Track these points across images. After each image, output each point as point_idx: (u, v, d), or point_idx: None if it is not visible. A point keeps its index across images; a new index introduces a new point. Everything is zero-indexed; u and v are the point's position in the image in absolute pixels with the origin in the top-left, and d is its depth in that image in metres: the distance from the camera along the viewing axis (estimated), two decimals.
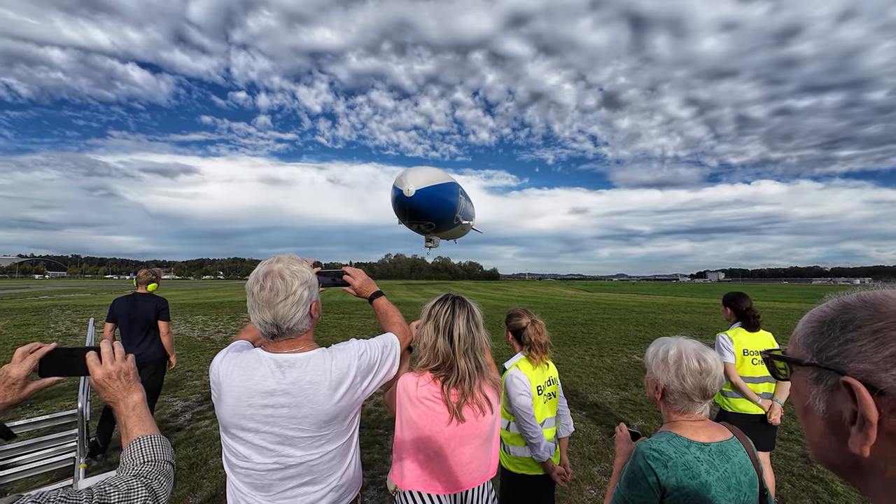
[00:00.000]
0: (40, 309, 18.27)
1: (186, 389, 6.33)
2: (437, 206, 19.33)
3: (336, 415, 1.27)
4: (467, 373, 1.43)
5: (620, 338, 11.84)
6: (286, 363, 1.25)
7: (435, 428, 1.39)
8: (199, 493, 3.39)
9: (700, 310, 21.92)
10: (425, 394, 1.41)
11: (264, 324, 1.24)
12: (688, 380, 1.20)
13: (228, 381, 1.23)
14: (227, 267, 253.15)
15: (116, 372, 1.01)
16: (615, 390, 6.57)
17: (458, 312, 1.48)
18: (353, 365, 1.31)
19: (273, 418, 1.21)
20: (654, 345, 1.33)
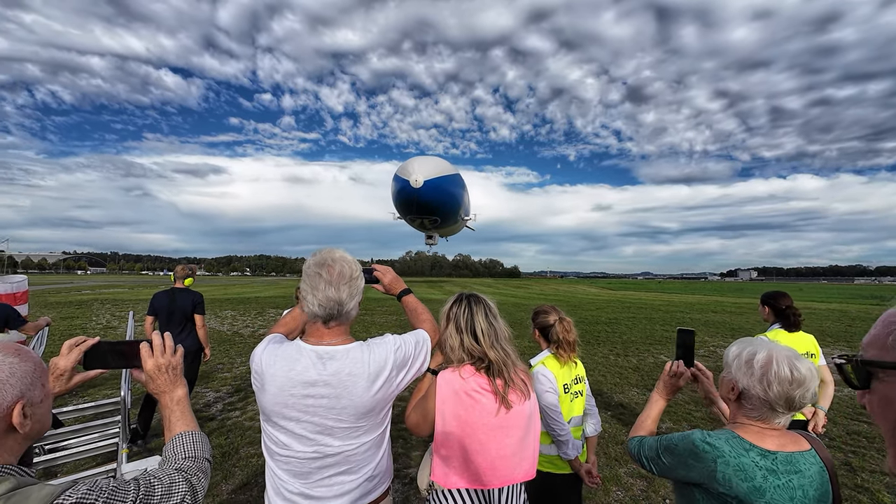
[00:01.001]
0: (83, 303, 19.34)
1: (218, 381, 6.58)
2: (444, 200, 17.60)
3: (373, 407, 1.31)
4: (501, 361, 1.46)
5: (646, 337, 11.54)
6: (326, 355, 1.28)
7: (482, 419, 1.40)
8: (231, 481, 3.52)
9: (731, 309, 21.09)
10: (473, 385, 1.42)
11: (327, 304, 1.27)
12: (774, 388, 1.12)
13: (271, 371, 1.27)
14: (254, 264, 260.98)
15: (166, 365, 1.06)
16: (641, 391, 6.42)
17: (475, 309, 1.51)
18: (390, 359, 1.34)
19: (314, 408, 1.25)
20: (737, 344, 1.26)
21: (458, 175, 18.71)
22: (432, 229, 24.34)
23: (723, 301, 28.26)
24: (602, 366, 7.99)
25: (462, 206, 21.88)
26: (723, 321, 15.61)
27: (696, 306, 23.18)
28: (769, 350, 1.17)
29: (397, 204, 18.48)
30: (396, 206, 18.97)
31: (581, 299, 29.19)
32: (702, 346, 10.25)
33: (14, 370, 0.82)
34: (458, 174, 18.74)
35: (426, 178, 15.20)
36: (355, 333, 1.40)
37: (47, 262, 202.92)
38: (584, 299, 29.25)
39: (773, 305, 3.00)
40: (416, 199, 16.19)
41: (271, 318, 14.67)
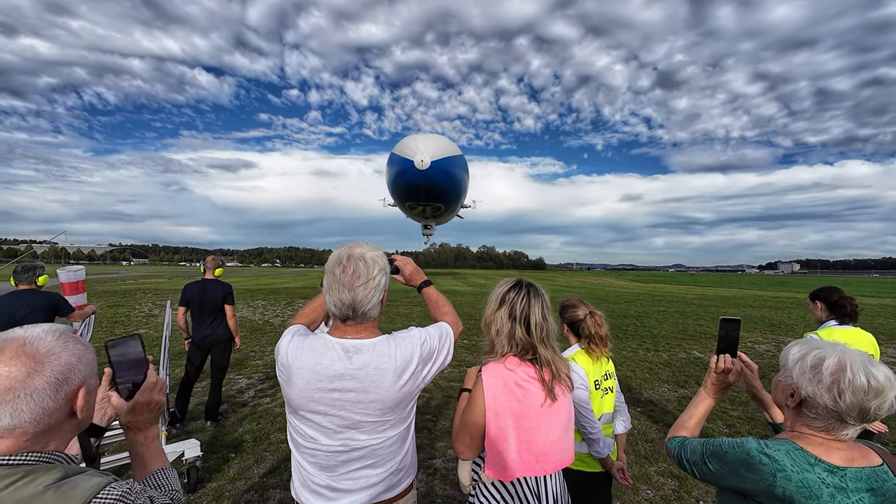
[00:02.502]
0: (127, 292, 20.54)
1: (250, 368, 6.83)
2: (451, 184, 14.80)
3: (400, 401, 1.30)
4: (548, 356, 1.43)
5: (678, 332, 11.13)
6: (353, 348, 1.27)
7: (533, 408, 1.39)
8: (262, 465, 3.64)
9: (771, 304, 20.04)
10: (522, 375, 1.40)
11: (341, 305, 1.25)
12: (846, 397, 0.99)
13: (298, 364, 1.26)
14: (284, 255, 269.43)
15: (157, 402, 1.04)
16: (673, 387, 6.19)
17: (533, 300, 1.45)
18: (416, 352, 1.32)
19: (340, 402, 1.24)
20: (798, 346, 1.13)
21: (462, 156, 15.78)
22: (431, 219, 21.04)
23: (762, 295, 26.89)
24: (631, 361, 7.76)
25: (466, 192, 19.11)
26: (762, 316, 14.85)
27: (733, 300, 22.15)
28: (840, 354, 1.03)
29: (397, 188, 15.31)
30: (395, 191, 15.76)
31: (609, 292, 28.48)
32: (739, 343, 9.78)
33: (81, 356, 0.85)
34: (463, 155, 15.75)
35: (433, 158, 12.53)
36: (381, 325, 1.38)
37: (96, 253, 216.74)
38: (611, 292, 28.53)
39: (825, 299, 2.76)
40: (422, 182, 13.39)
41: (300, 308, 15.08)
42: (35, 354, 0.78)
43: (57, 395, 0.79)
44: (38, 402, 0.77)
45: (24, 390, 0.75)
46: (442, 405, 5.13)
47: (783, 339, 10.32)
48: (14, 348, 0.77)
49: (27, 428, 0.76)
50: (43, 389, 0.77)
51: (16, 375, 0.75)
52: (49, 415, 0.78)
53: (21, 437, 0.76)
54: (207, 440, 4.06)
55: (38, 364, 0.77)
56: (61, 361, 0.81)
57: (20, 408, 0.75)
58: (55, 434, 0.82)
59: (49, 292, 3.79)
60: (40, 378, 0.77)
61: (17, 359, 0.76)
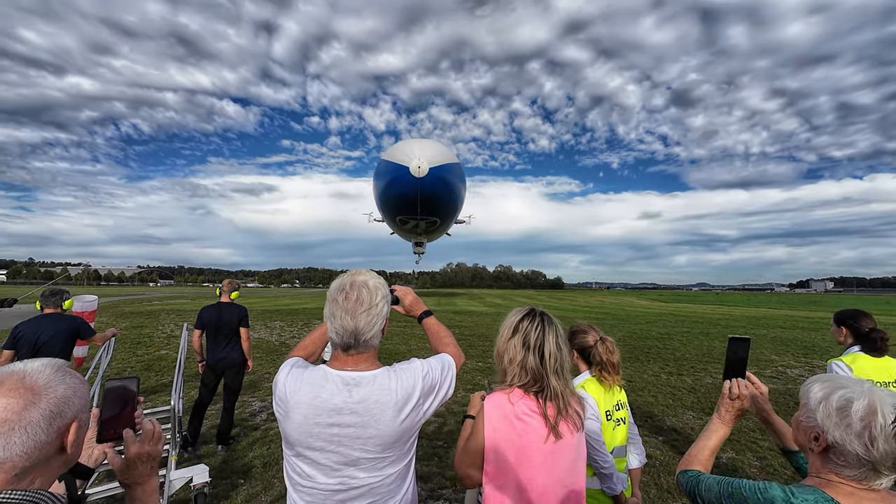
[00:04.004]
0: (152, 313, 21.13)
1: (263, 391, 6.84)
2: (448, 195, 12.58)
3: (400, 436, 1.25)
4: (559, 390, 1.37)
5: (703, 354, 10.66)
6: (353, 381, 1.23)
7: (534, 444, 1.33)
8: (270, 492, 3.59)
9: (804, 325, 19.08)
10: (523, 409, 1.35)
11: (343, 333, 1.23)
12: (879, 445, 0.89)
13: (296, 398, 1.21)
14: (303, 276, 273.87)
15: (153, 453, 1.00)
16: (698, 414, 5.88)
17: (547, 329, 1.42)
18: (418, 385, 1.28)
19: (339, 437, 1.19)
20: (820, 384, 1.03)
21: (460, 165, 13.34)
22: (424, 235, 18.44)
23: (794, 315, 25.67)
24: (653, 385, 7.44)
25: (462, 205, 16.65)
26: (794, 338, 14.12)
27: (762, 320, 21.20)
28: (870, 396, 0.93)
29: (388, 199, 12.90)
30: (386, 202, 13.30)
31: (629, 312, 27.69)
32: (768, 366, 9.30)
33: (76, 390, 0.85)
34: (460, 164, 13.34)
35: (431, 164, 10.56)
36: (394, 347, 1.35)
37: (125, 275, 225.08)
38: (632, 312, 27.73)
39: (852, 327, 2.59)
40: (418, 192, 11.25)
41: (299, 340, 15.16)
42: (33, 387, 0.78)
43: (50, 428, 0.78)
44: (32, 434, 0.76)
45: (20, 423, 0.75)
46: (454, 431, 5.00)
47: (817, 363, 9.75)
48: (13, 381, 0.78)
49: (16, 462, 0.75)
50: (37, 422, 0.77)
51: (13, 408, 0.75)
52: (40, 448, 0.77)
53: (9, 471, 0.75)
54: (217, 465, 4.05)
55: (35, 396, 0.78)
56: (57, 394, 0.80)
57: (13, 440, 0.74)
58: (42, 470, 0.80)
59: (72, 316, 3.93)
60: (36, 410, 0.77)
61: (15, 391, 0.76)
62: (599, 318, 21.50)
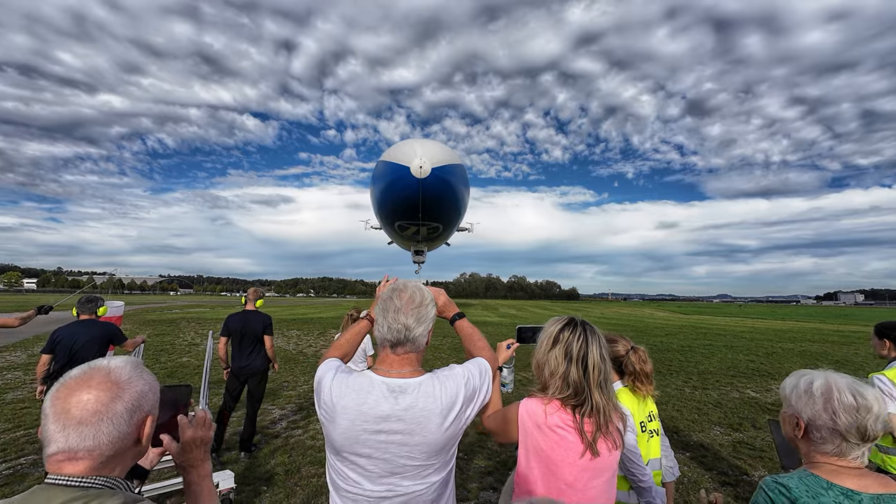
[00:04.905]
0: (173, 321, 21.63)
1: (283, 399, 6.91)
2: (452, 198, 11.71)
3: (445, 444, 1.25)
4: (601, 405, 1.31)
5: (727, 368, 10.33)
6: (398, 388, 1.24)
7: (567, 458, 1.28)
8: (293, 500, 3.60)
9: (834, 338, 18.32)
10: (556, 421, 1.30)
11: (395, 326, 1.28)
12: (841, 416, 1.07)
13: (342, 404, 1.22)
14: (318, 285, 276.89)
15: (204, 439, 1.07)
16: (726, 430, 5.68)
17: (591, 340, 1.36)
18: (461, 392, 1.28)
19: (386, 445, 1.20)
20: (792, 377, 1.21)
21: (464, 167, 12.54)
22: (425, 242, 17.19)
23: (823, 328, 24.68)
24: (676, 399, 7.23)
25: (465, 211, 15.76)
26: (824, 352, 13.56)
27: (789, 334, 20.44)
28: (826, 376, 1.14)
29: (387, 203, 12.06)
30: (384, 206, 12.46)
31: (648, 324, 27.07)
32: None
33: (151, 386, 0.93)
34: (463, 166, 12.55)
35: (434, 164, 9.87)
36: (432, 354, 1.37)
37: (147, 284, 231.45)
38: (651, 324, 27.10)
39: None
40: (420, 194, 10.50)
41: (332, 339, 15.29)
42: (118, 381, 0.87)
43: (131, 420, 0.86)
44: (117, 425, 0.84)
45: (108, 414, 0.83)
46: (474, 443, 4.94)
47: None
48: (101, 376, 0.86)
49: (104, 450, 0.82)
50: (121, 414, 0.85)
51: (102, 400, 0.83)
52: (122, 439, 0.85)
53: (97, 458, 0.82)
54: (241, 471, 4.09)
55: (120, 390, 0.86)
56: (137, 389, 0.89)
57: (102, 430, 0.82)
58: (121, 460, 0.87)
59: (106, 322, 4.07)
60: (121, 403, 0.85)
61: (104, 385, 0.85)
62: (617, 330, 21.01)
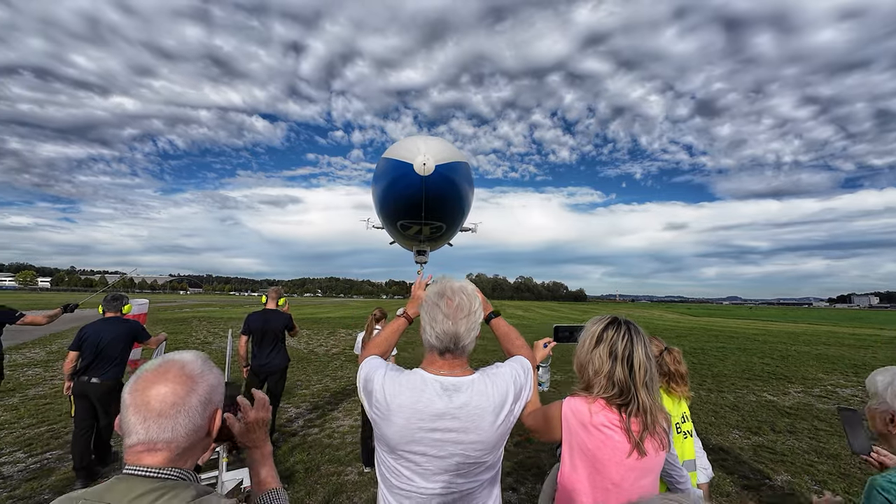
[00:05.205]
0: (184, 320, 21.89)
1: (297, 398, 6.96)
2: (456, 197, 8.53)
3: (497, 442, 1.26)
4: (648, 405, 1.30)
5: (742, 371, 10.19)
6: (452, 386, 1.24)
7: (614, 458, 1.27)
8: (314, 498, 3.63)
9: (850, 342, 17.98)
10: (602, 420, 1.29)
11: (444, 337, 1.25)
12: None
13: (397, 402, 1.22)
14: (325, 285, 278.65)
15: (264, 419, 1.10)
16: (745, 433, 5.61)
17: (636, 339, 1.35)
18: (511, 390, 1.29)
19: (441, 443, 1.20)
20: (883, 373, 1.24)
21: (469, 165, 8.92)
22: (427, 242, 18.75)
23: (837, 331, 24.24)
24: (692, 402, 7.14)
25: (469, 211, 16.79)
26: (840, 355, 13.31)
27: (802, 337, 20.10)
28: None
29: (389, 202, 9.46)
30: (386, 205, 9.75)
31: (658, 325, 26.82)
32: (816, 385, 8.80)
33: (219, 380, 0.95)
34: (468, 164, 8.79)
35: (438, 161, 7.03)
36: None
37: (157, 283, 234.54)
38: (661, 326, 26.84)
39: None
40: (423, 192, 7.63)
41: (342, 339, 15.38)
42: (192, 375, 0.89)
43: (203, 413, 0.88)
44: (191, 418, 0.85)
45: (184, 407, 0.85)
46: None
47: None
48: (177, 369, 0.88)
49: (180, 442, 0.84)
50: (195, 407, 0.86)
51: (179, 393, 0.85)
52: (196, 431, 0.87)
53: (174, 450, 0.84)
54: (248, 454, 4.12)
55: (194, 383, 0.88)
56: (209, 382, 0.91)
57: (179, 422, 0.84)
58: (193, 452, 0.89)
59: (131, 320, 4.14)
60: (195, 396, 0.87)
61: (179, 378, 0.87)
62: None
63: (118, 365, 3.91)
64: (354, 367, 9.80)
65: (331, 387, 7.83)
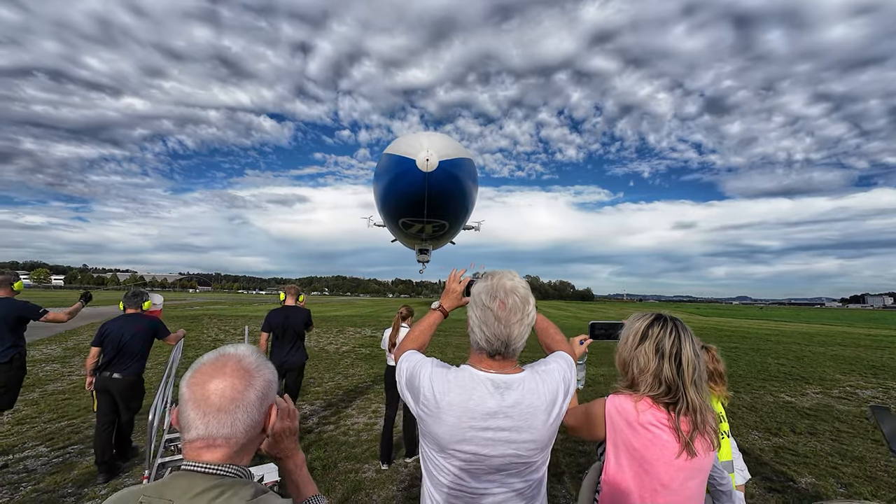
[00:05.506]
0: (195, 317, 22.11)
1: (311, 395, 6.98)
2: (460, 194, 11.09)
3: (548, 440, 1.23)
4: (698, 403, 1.26)
5: (758, 372, 10.04)
6: (503, 384, 1.19)
7: (663, 458, 1.23)
8: (333, 496, 3.62)
9: (866, 342, 17.66)
10: (649, 419, 1.26)
11: (494, 341, 1.19)
12: None
13: (447, 400, 1.18)
14: (332, 284, 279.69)
15: (292, 428, 1.05)
16: (764, 434, 5.51)
17: (683, 336, 1.31)
18: (561, 388, 1.25)
19: (493, 442, 1.16)
20: None
21: (472, 161, 11.73)
22: (429, 241, 16.57)
23: (853, 332, 23.82)
24: None
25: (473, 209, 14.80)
26: (857, 356, 13.06)
27: (817, 338, 19.76)
28: None
29: (391, 199, 11.34)
30: (388, 202, 11.74)
31: None
32: (834, 386, 8.63)
33: (274, 375, 0.92)
34: (472, 160, 11.75)
35: (442, 157, 9.21)
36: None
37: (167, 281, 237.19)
38: None
39: None
40: (426, 189, 9.85)
41: (351, 336, 15.42)
42: (249, 369, 0.86)
43: (260, 408, 0.85)
44: (249, 414, 0.83)
45: (242, 402, 0.82)
46: None
47: (892, 385, 8.96)
48: (234, 364, 0.85)
49: (239, 438, 0.82)
50: (253, 402, 0.84)
51: (238, 388, 0.82)
52: (253, 427, 0.84)
53: (232, 447, 0.82)
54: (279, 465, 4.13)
55: (251, 378, 0.85)
56: (265, 377, 0.88)
57: (238, 418, 0.81)
58: (249, 449, 0.87)
59: (152, 316, 4.17)
60: (252, 391, 0.84)
61: (237, 373, 0.84)
62: None
63: (139, 360, 3.95)
64: (365, 364, 9.82)
65: (343, 384, 7.85)
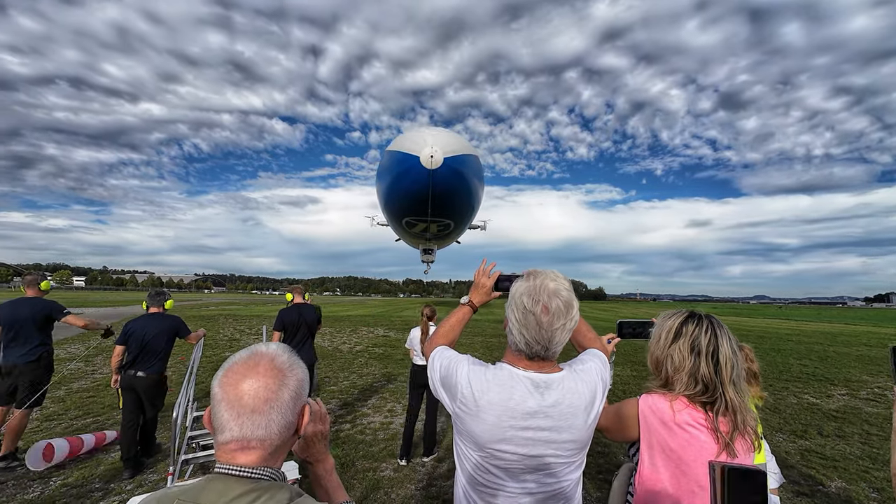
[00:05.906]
0: (210, 318, 22.50)
1: (326, 394, 7.03)
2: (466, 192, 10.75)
3: (587, 440, 1.21)
4: (737, 403, 1.21)
5: (780, 372, 9.78)
6: (543, 384, 1.17)
7: (701, 458, 1.19)
8: (352, 494, 3.63)
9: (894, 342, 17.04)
10: (686, 419, 1.21)
11: (535, 345, 1.16)
12: None
13: (487, 399, 1.16)
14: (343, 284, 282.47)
15: (323, 432, 1.02)
16: (789, 437, 5.36)
17: (720, 333, 1.26)
18: (599, 387, 1.23)
19: (533, 441, 1.15)
20: None
21: (478, 158, 11.09)
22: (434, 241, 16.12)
23: (878, 332, 23.06)
24: None
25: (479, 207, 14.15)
26: (884, 357, 12.60)
27: (840, 337, 19.19)
28: None
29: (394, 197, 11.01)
30: (391, 200, 11.48)
31: None
32: (862, 387, 8.36)
33: (306, 373, 0.88)
34: (478, 157, 11.08)
35: (447, 154, 8.76)
36: None
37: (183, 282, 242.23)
38: None
39: None
40: (430, 187, 9.41)
41: (364, 336, 15.51)
42: (282, 369, 0.81)
43: (294, 409, 0.81)
44: (283, 414, 0.79)
45: (277, 402, 0.78)
46: None
47: None
48: (267, 363, 0.80)
49: (273, 440, 0.78)
50: (287, 402, 0.79)
51: (272, 387, 0.78)
52: (287, 428, 0.80)
53: (267, 448, 0.78)
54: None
55: (285, 378, 0.80)
56: (298, 377, 0.83)
57: (272, 418, 0.77)
58: (283, 451, 0.83)
59: (173, 315, 4.24)
60: (286, 391, 0.80)
61: (271, 372, 0.79)
62: None
63: (162, 359, 4.02)
64: (379, 364, 9.86)
65: (358, 383, 7.89)
